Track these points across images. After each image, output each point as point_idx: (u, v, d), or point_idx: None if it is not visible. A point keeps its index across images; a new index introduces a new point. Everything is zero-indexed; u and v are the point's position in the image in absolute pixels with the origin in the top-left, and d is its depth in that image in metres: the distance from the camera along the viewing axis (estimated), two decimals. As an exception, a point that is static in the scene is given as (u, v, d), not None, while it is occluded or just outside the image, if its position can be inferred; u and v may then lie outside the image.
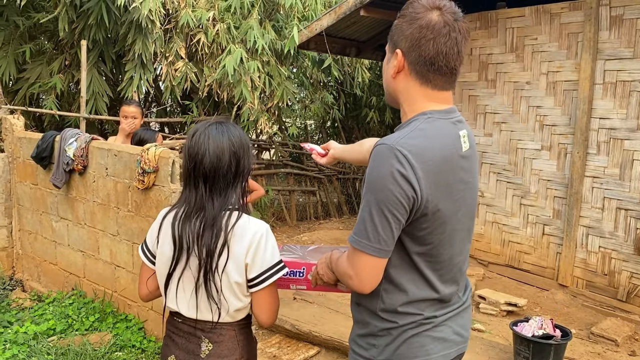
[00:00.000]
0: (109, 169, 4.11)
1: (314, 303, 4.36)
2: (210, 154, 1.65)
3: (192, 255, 1.67)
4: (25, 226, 5.04)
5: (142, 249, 1.85)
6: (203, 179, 1.66)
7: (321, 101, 8.48)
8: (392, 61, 1.51)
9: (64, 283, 4.72)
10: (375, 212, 1.39)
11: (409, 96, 1.51)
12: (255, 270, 1.67)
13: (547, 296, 5.04)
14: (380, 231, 1.39)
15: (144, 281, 1.87)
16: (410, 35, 1.45)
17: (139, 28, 5.98)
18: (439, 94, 1.50)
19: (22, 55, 6.48)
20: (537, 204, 5.30)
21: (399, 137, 1.42)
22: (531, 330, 3.34)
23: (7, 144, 5.04)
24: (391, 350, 1.52)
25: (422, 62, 1.45)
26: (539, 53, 5.21)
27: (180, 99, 7.10)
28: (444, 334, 1.54)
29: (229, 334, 1.74)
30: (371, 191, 1.41)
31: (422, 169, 1.38)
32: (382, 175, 1.38)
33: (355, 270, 1.45)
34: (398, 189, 1.36)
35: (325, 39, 6.27)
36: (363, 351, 1.57)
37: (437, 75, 1.47)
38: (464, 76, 5.84)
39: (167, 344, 1.82)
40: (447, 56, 1.44)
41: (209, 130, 1.70)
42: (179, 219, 1.69)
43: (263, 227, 1.69)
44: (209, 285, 1.66)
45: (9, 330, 3.95)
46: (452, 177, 1.47)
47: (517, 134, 5.42)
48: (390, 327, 1.52)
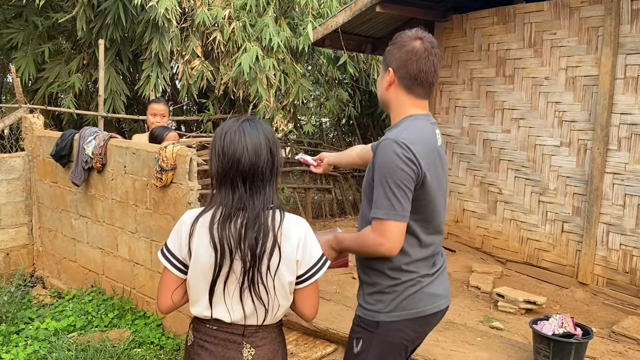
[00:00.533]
0: (127, 167, 4.15)
1: (330, 300, 4.35)
2: (248, 152, 1.60)
3: (236, 259, 1.60)
4: (45, 224, 5.11)
5: (165, 257, 1.70)
6: (242, 179, 1.60)
7: (336, 98, 8.46)
8: (385, 77, 2.00)
9: (83, 280, 4.78)
10: (395, 188, 1.82)
11: (398, 103, 2.00)
12: (304, 266, 1.68)
13: (566, 294, 4.98)
14: (402, 201, 1.83)
15: (169, 292, 1.71)
16: (399, 58, 1.94)
17: (156, 27, 6.01)
18: (420, 102, 2.00)
19: (41, 55, 6.56)
20: (556, 201, 5.24)
21: (397, 133, 1.88)
22: (551, 328, 3.30)
23: (27, 142, 5.11)
24: (395, 304, 1.95)
25: (408, 77, 1.94)
26: (558, 48, 5.14)
27: (196, 98, 7.13)
28: (436, 290, 2.02)
29: (271, 335, 1.72)
30: (386, 174, 1.83)
31: (418, 152, 1.85)
32: (392, 160, 1.83)
33: (387, 236, 1.85)
34: (407, 167, 1.82)
35: (340, 36, 6.25)
36: (371, 306, 1.98)
37: (419, 88, 1.96)
38: (481, 72, 5.79)
39: (198, 353, 1.70)
40: (427, 74, 1.94)
41: (243, 127, 1.64)
42: (217, 222, 1.60)
43: (305, 223, 1.71)
44: (256, 287, 1.61)
45: (30, 327, 4.00)
46: (435, 161, 1.95)
47: (536, 130, 5.36)
48: (395, 284, 1.94)
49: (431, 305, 1.99)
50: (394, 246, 1.86)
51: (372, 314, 1.97)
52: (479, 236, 5.94)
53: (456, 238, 6.18)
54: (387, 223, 1.84)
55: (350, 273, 5.46)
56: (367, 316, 1.98)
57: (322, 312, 4.07)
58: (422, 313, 1.97)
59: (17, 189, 5.05)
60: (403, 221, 1.85)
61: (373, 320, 1.97)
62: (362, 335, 1.99)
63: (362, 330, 1.99)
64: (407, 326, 1.96)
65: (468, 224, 6.04)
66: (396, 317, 1.95)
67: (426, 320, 2.00)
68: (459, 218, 6.13)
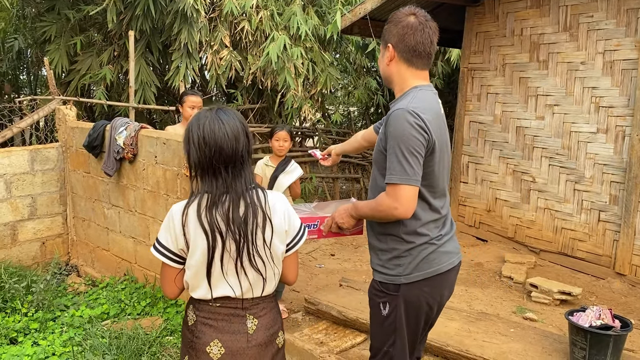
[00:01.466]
0: (158, 157, 4.18)
1: (360, 290, 4.32)
2: (229, 138, 1.68)
3: (228, 240, 1.70)
4: (79, 213, 5.21)
5: (158, 251, 1.78)
6: (224, 165, 1.69)
7: (365, 87, 8.39)
8: (386, 53, 2.11)
9: (116, 269, 4.86)
10: (407, 154, 1.94)
11: (400, 76, 2.12)
12: (290, 235, 1.84)
13: (603, 285, 4.85)
14: (414, 166, 1.94)
15: (171, 281, 1.81)
16: (397, 33, 2.06)
17: (184, 17, 6.04)
18: (420, 72, 2.11)
19: (73, 48, 6.67)
20: (592, 189, 5.09)
21: (407, 103, 1.99)
22: (588, 320, 3.21)
23: (61, 133, 5.20)
24: (413, 266, 2.08)
25: (407, 50, 2.06)
26: (595, 31, 4.97)
27: (225, 88, 7.16)
28: (448, 248, 2.15)
29: (269, 305, 1.85)
30: (399, 141, 1.95)
31: (427, 120, 1.96)
32: (405, 128, 1.94)
33: (400, 200, 1.97)
34: (418, 134, 1.94)
35: (369, 23, 6.17)
36: (390, 271, 2.11)
37: (418, 59, 2.07)
38: (514, 58, 5.65)
39: (202, 331, 1.78)
40: (424, 44, 2.05)
41: (220, 116, 1.71)
42: (205, 209, 1.69)
43: (284, 197, 1.86)
44: (254, 260, 1.72)
45: (66, 314, 4.09)
46: (441, 128, 2.07)
47: (571, 116, 5.20)
48: (411, 247, 2.07)
49: (445, 262, 2.13)
50: (407, 209, 1.98)
51: (393, 278, 2.10)
52: (512, 226, 5.82)
53: (488, 228, 6.07)
54: (400, 187, 1.96)
55: (379, 263, 5.42)
56: (388, 280, 2.11)
57: (352, 302, 4.05)
58: (438, 271, 2.11)
59: (52, 179, 5.15)
60: (415, 185, 1.97)
61: (394, 284, 2.10)
62: (387, 299, 2.13)
63: (386, 294, 2.13)
64: (426, 285, 2.10)
65: (500, 213, 5.93)
66: (415, 278, 2.08)
67: (442, 277, 2.14)
68: (491, 207, 6.01)
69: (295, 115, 7.71)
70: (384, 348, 2.18)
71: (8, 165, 4.83)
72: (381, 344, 2.19)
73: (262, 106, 7.83)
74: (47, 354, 3.45)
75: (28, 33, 7.95)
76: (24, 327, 3.82)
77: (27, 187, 4.98)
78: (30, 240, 5.07)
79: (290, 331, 3.82)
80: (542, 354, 3.35)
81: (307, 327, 3.96)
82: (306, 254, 5.77)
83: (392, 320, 2.13)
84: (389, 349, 2.17)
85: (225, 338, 1.77)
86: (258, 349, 1.80)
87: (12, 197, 4.89)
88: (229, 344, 1.77)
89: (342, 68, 9.36)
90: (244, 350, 1.77)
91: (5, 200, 4.86)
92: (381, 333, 2.19)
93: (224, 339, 1.77)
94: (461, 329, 3.65)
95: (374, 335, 2.24)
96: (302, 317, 4.18)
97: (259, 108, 7.83)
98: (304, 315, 4.21)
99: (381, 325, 2.17)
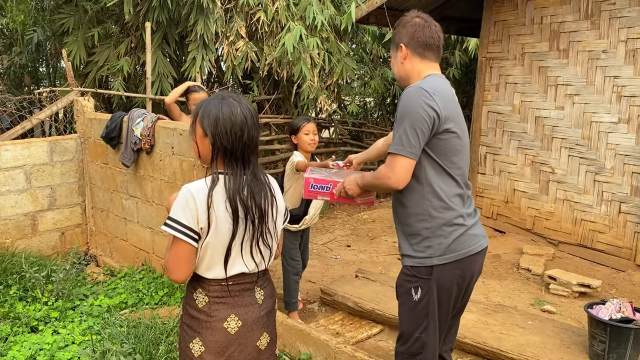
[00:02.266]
0: (174, 148, 4.20)
1: (376, 281, 4.32)
2: (251, 124, 1.78)
3: (249, 220, 1.79)
4: (98, 204, 5.26)
5: (178, 230, 1.74)
6: (250, 149, 1.79)
7: (381, 77, 8.33)
8: (399, 54, 2.26)
9: (134, 258, 4.91)
10: (409, 129, 2.04)
11: (416, 70, 2.24)
12: (285, 213, 1.99)
13: (623, 277, 4.78)
14: (412, 140, 2.04)
15: (184, 264, 1.78)
16: (407, 33, 2.23)
17: (201, 8, 6.03)
18: (433, 64, 2.25)
19: (91, 39, 6.71)
20: (613, 180, 5.00)
21: (420, 83, 2.13)
22: (608, 313, 3.16)
23: (79, 125, 5.25)
24: (444, 247, 2.13)
25: (419, 44, 2.21)
26: (617, 19, 4.86)
27: (241, 79, 7.16)
28: (476, 231, 2.23)
29: (268, 276, 1.99)
30: (406, 116, 2.06)
31: (439, 99, 2.07)
32: (414, 104, 2.05)
33: (394, 171, 2.08)
34: (424, 112, 2.04)
35: (386, 12, 6.11)
36: (421, 254, 2.16)
37: (429, 52, 2.23)
38: (533, 47, 5.55)
39: (217, 309, 1.83)
40: (433, 38, 2.21)
41: (240, 101, 1.79)
42: (231, 190, 1.75)
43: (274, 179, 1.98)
44: (265, 236, 1.84)
45: (85, 303, 4.15)
46: (454, 108, 2.16)
47: (592, 106, 5.11)
48: (441, 224, 2.13)
49: (475, 245, 2.20)
50: (399, 179, 2.08)
51: (424, 260, 2.15)
52: (530, 217, 5.75)
53: (506, 219, 6.01)
54: (396, 157, 2.07)
55: (395, 254, 5.41)
56: (420, 264, 2.17)
57: (368, 293, 4.05)
58: (468, 253, 2.18)
59: (71, 170, 5.21)
60: (411, 158, 2.06)
61: (427, 267, 2.15)
62: (419, 283, 2.18)
63: (418, 278, 2.18)
64: (457, 267, 2.16)
65: (518, 204, 5.86)
66: (447, 259, 2.14)
67: (472, 259, 2.21)
68: (509, 199, 5.95)
69: (311, 106, 7.68)
70: (415, 334, 2.22)
71: (28, 156, 4.89)
72: (412, 330, 2.23)
73: (278, 97, 7.82)
74: (66, 342, 3.50)
75: (47, 25, 8.02)
76: (44, 315, 3.88)
77: (46, 177, 5.04)
78: (50, 231, 5.14)
79: (306, 322, 3.83)
80: (561, 347, 3.31)
81: (323, 318, 3.97)
82: (322, 244, 5.77)
83: (424, 304, 2.18)
84: (420, 334, 2.20)
85: (241, 312, 1.86)
86: (267, 316, 1.94)
87: (32, 187, 4.96)
88: (244, 316, 1.86)
89: (359, 58, 9.30)
90: (257, 320, 1.89)
91: (25, 190, 4.93)
92: (413, 319, 2.22)
93: (240, 313, 1.86)
94: (478, 320, 3.63)
95: (404, 322, 2.27)
96: (318, 308, 4.19)
97: (275, 99, 7.82)
98: (319, 306, 4.22)
99: (413, 310, 2.21)
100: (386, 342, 3.63)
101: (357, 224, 6.61)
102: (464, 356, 3.39)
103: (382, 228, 6.40)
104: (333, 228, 6.44)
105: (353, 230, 6.36)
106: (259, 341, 1.92)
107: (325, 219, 6.77)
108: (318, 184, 2.44)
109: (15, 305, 3.98)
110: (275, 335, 2.02)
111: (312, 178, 2.47)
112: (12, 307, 3.96)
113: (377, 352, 3.48)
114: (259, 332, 1.91)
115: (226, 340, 1.85)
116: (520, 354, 3.19)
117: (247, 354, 1.89)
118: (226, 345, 1.85)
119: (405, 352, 2.28)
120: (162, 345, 3.34)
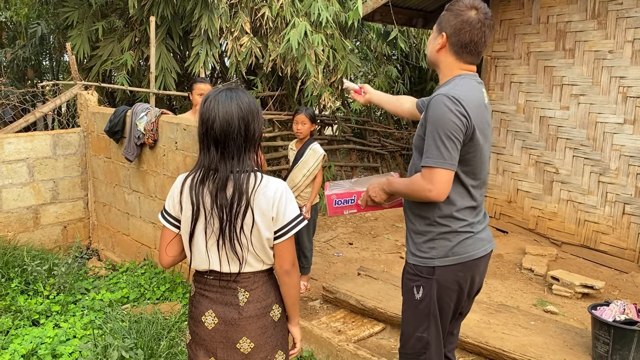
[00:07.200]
0: (178, 143, 4.19)
1: (378, 279, 4.30)
2: (220, 119, 1.75)
3: (212, 215, 1.78)
4: (100, 198, 5.26)
5: (162, 215, 1.92)
6: (214, 143, 1.77)
7: (385, 75, 8.31)
8: (438, 39, 2.13)
9: (136, 253, 4.90)
10: (445, 139, 1.96)
11: (447, 66, 2.14)
12: (279, 223, 1.82)
13: (626, 279, 4.76)
14: (451, 151, 1.97)
15: (164, 248, 1.93)
16: (454, 25, 2.06)
17: (205, 3, 6.01)
18: (468, 66, 2.13)
19: (95, 33, 6.69)
20: (617, 181, 4.98)
21: (449, 89, 2.02)
22: (612, 314, 3.15)
23: (82, 119, 5.24)
24: (447, 249, 2.11)
25: (459, 45, 2.08)
26: (624, 19, 4.83)
27: (244, 75, 7.14)
28: (483, 235, 2.19)
29: (262, 279, 1.89)
30: (438, 127, 1.98)
31: (468, 107, 1.99)
32: (444, 112, 1.97)
33: (435, 183, 1.99)
34: (457, 120, 1.96)
35: (391, 10, 6.08)
36: (425, 254, 2.14)
37: (468, 56, 2.10)
38: (539, 46, 5.53)
39: (199, 301, 1.90)
40: (477, 44, 2.07)
41: (219, 97, 1.78)
42: (196, 181, 1.80)
43: (282, 185, 1.84)
44: (233, 243, 1.79)
45: (86, 297, 4.14)
46: (483, 117, 2.09)
47: (597, 107, 5.09)
48: (446, 231, 2.10)
49: (480, 249, 2.17)
50: (440, 192, 2.01)
51: (426, 261, 2.13)
52: (533, 217, 5.74)
53: (509, 219, 5.99)
54: (436, 171, 1.99)
55: (398, 252, 5.40)
56: (423, 263, 2.14)
57: (370, 291, 4.03)
58: (472, 257, 2.14)
59: (74, 164, 5.20)
60: (451, 169, 2.00)
61: (429, 267, 2.13)
62: (421, 282, 2.16)
63: (421, 277, 2.16)
64: (460, 269, 2.13)
65: (522, 204, 5.85)
66: (450, 261, 2.11)
67: (475, 263, 2.17)
68: (512, 198, 5.93)
69: (315, 103, 7.66)
70: (417, 333, 2.20)
71: (31, 150, 4.88)
72: (414, 329, 2.21)
73: (281, 93, 7.80)
74: (68, 336, 3.50)
75: (50, 19, 8.01)
76: (46, 309, 3.88)
77: (49, 171, 5.03)
78: (52, 224, 5.14)
79: (307, 319, 3.82)
80: (564, 348, 3.30)
81: (324, 316, 3.96)
82: (324, 242, 5.76)
83: (426, 304, 2.16)
84: (422, 334, 2.19)
85: (218, 309, 1.87)
86: (250, 320, 1.86)
87: (34, 181, 4.95)
88: (221, 314, 1.86)
89: (363, 55, 9.27)
90: (236, 321, 1.85)
91: (28, 184, 4.92)
92: (415, 318, 2.20)
93: (217, 310, 1.87)
94: (481, 320, 3.62)
95: (407, 321, 2.25)
96: (319, 305, 4.18)
97: (279, 95, 7.80)
98: (321, 303, 4.21)
99: (415, 309, 2.19)
100: (388, 340, 3.62)
101: (359, 221, 6.60)
102: (466, 356, 3.38)
103: (385, 226, 6.39)
104: (335, 226, 6.43)
105: (355, 228, 6.35)
106: (239, 344, 1.86)
107: (327, 217, 6.76)
108: (342, 199, 2.32)
109: (16, 299, 3.97)
110: (265, 343, 1.89)
111: (334, 194, 2.38)
112: (14, 300, 3.96)
113: (379, 350, 3.47)
114: (238, 335, 1.85)
115: (205, 335, 1.88)
116: (523, 354, 3.18)
117: (230, 355, 1.86)
118: (206, 339, 1.88)
119: (408, 352, 2.26)
120: (163, 341, 3.34)
